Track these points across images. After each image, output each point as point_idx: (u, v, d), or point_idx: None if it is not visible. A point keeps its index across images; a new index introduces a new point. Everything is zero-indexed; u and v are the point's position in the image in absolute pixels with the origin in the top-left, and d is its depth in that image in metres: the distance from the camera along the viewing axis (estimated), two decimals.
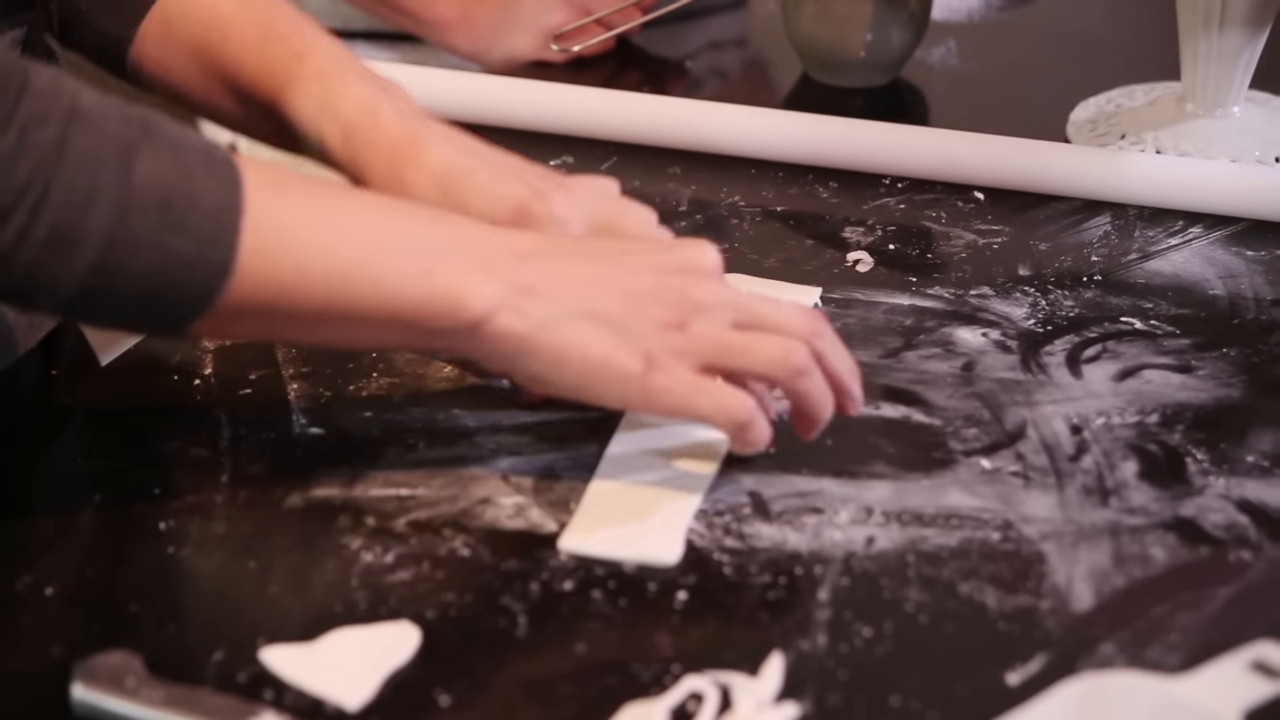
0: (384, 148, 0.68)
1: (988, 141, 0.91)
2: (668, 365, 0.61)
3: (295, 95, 0.70)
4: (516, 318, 0.60)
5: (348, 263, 0.59)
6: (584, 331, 0.60)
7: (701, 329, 0.61)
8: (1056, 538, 0.63)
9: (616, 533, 0.62)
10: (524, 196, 0.67)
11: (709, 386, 0.62)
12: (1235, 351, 0.76)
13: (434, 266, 0.59)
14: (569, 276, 0.61)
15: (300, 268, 0.58)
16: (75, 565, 0.61)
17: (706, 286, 0.62)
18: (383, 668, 0.56)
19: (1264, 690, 0.52)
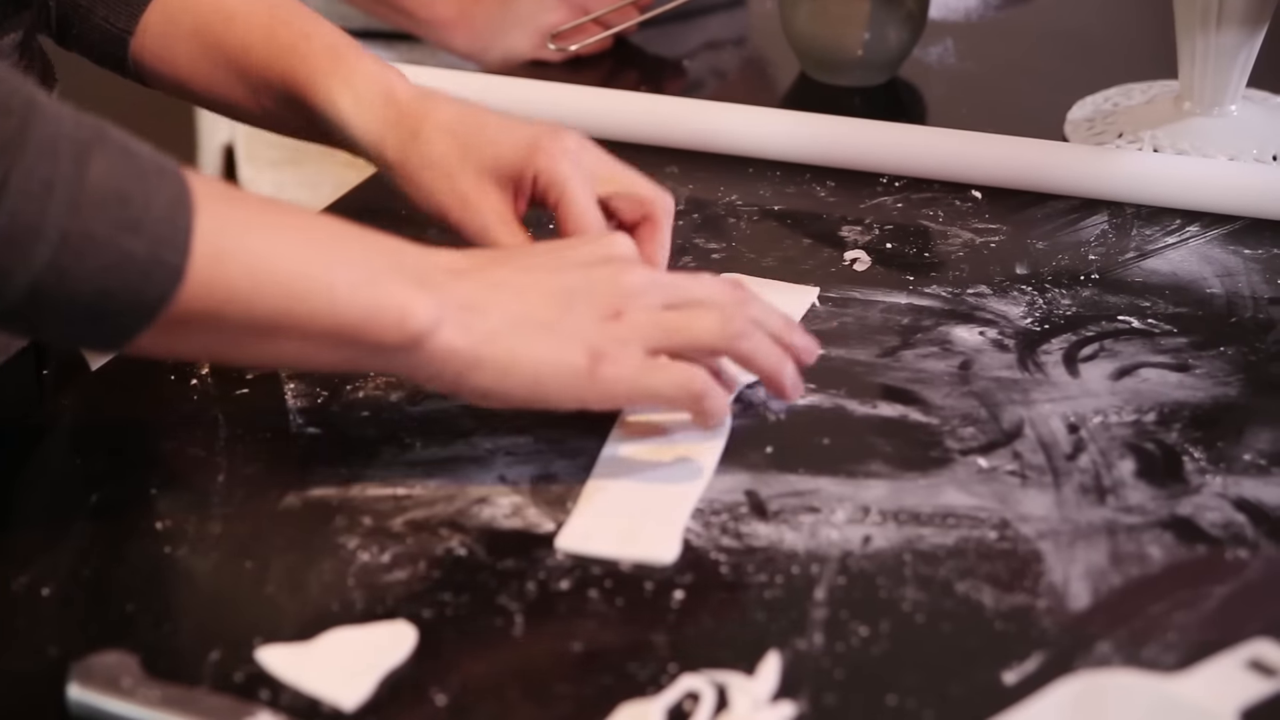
0: (398, 109, 0.72)
1: (985, 140, 0.91)
2: (613, 354, 0.62)
3: (308, 70, 0.72)
4: (459, 333, 0.60)
5: (297, 271, 0.58)
6: (526, 338, 0.61)
7: (638, 315, 0.63)
8: (1053, 537, 0.63)
9: (613, 532, 0.62)
10: (538, 132, 0.71)
11: (658, 365, 0.63)
12: (1232, 350, 0.76)
13: (378, 279, 0.60)
14: (501, 286, 0.62)
15: (252, 274, 0.57)
16: (72, 565, 0.61)
17: (634, 273, 0.64)
18: (379, 667, 0.56)
19: (1260, 688, 0.52)
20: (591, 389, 0.62)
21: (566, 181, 0.71)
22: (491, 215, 0.71)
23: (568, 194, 0.71)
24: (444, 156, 0.72)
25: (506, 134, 0.72)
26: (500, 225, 0.71)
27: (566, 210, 0.71)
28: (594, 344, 0.62)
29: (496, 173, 0.72)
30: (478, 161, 0.72)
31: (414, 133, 0.72)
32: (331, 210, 0.89)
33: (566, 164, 0.71)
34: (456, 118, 0.72)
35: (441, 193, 0.72)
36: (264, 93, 0.74)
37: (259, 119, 0.77)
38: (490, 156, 0.71)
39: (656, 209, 0.73)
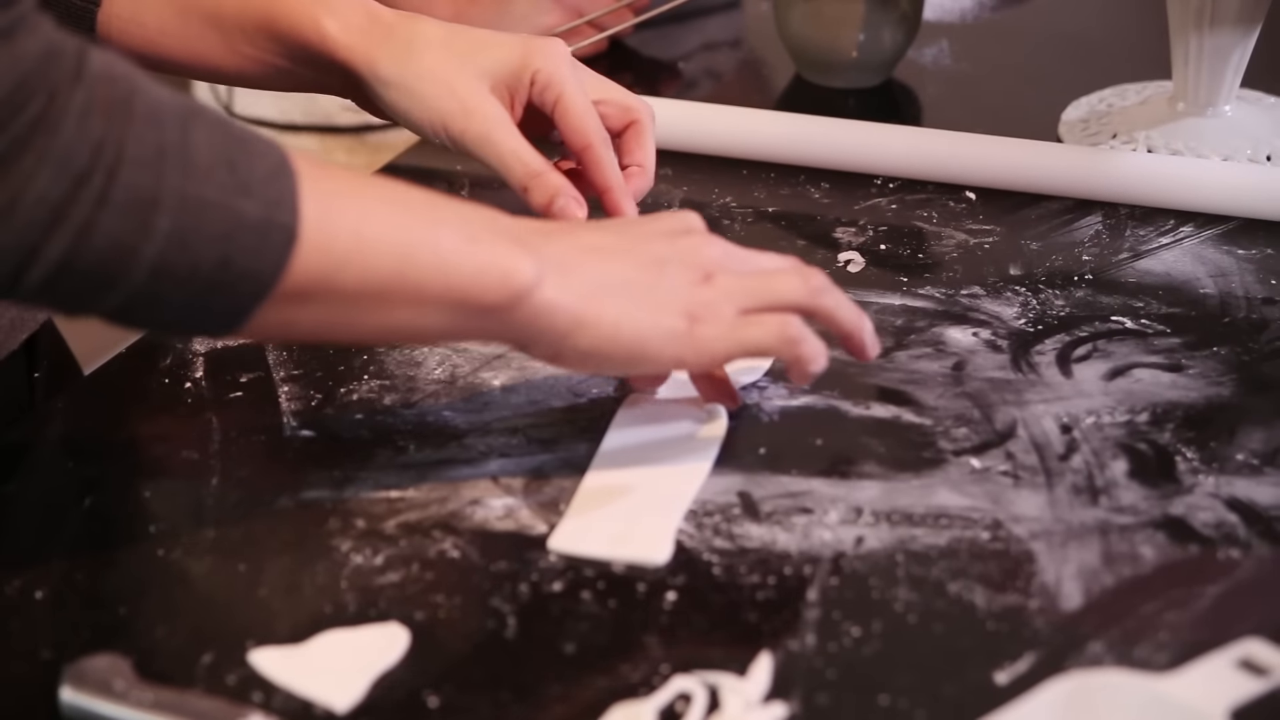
0: (386, 27, 0.73)
1: (979, 141, 0.91)
2: (707, 315, 0.63)
3: (286, 6, 0.73)
4: (560, 291, 0.61)
5: (402, 233, 0.59)
6: (626, 300, 0.62)
7: (725, 278, 0.64)
8: (1046, 537, 0.63)
9: (606, 533, 0.63)
10: (529, 38, 0.74)
11: (751, 320, 0.63)
12: (1226, 350, 0.76)
13: (479, 238, 0.60)
14: (594, 250, 0.63)
15: (360, 236, 0.57)
16: (65, 568, 0.61)
17: (714, 245, 0.65)
18: (372, 669, 0.56)
19: (1251, 688, 0.52)
20: (691, 348, 0.63)
21: (565, 82, 0.72)
22: (493, 120, 0.72)
23: (566, 94, 0.72)
24: (441, 65, 0.72)
25: (499, 40, 0.73)
26: (502, 129, 0.72)
27: (567, 111, 0.72)
28: (689, 306, 0.62)
29: (494, 77, 0.72)
30: (475, 67, 0.72)
31: (407, 45, 0.72)
32: None
33: (565, 65, 0.73)
34: (447, 30, 0.73)
35: (442, 100, 0.72)
36: (241, 41, 0.74)
37: (235, 74, 0.76)
38: (487, 61, 0.72)
39: (641, 114, 0.76)
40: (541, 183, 0.72)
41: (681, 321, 0.62)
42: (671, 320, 0.62)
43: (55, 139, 0.51)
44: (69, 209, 0.52)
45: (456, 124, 0.72)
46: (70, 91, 0.52)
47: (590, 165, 0.73)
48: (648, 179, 0.76)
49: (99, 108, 0.53)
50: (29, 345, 0.77)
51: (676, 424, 0.69)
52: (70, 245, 0.52)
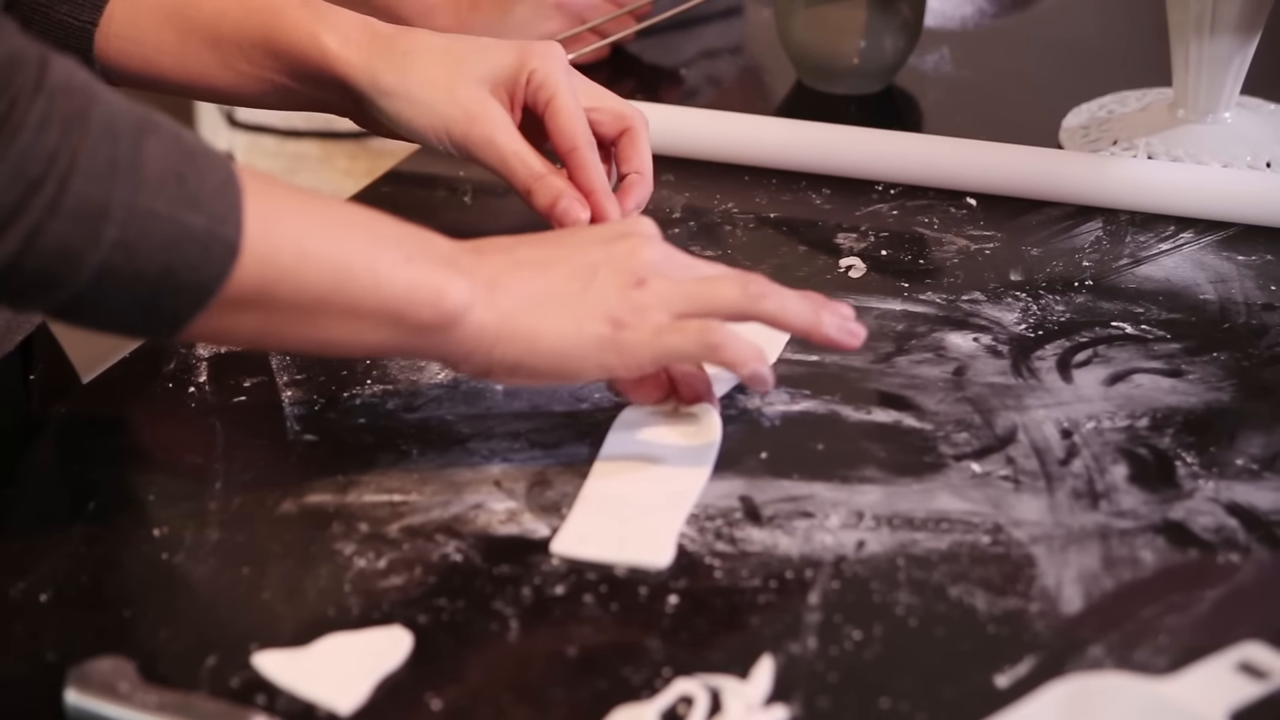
0: (385, 39, 0.74)
1: (980, 148, 0.92)
2: (634, 321, 0.63)
3: (286, 22, 0.74)
4: (487, 311, 0.62)
5: (341, 250, 0.60)
6: (549, 311, 0.63)
7: (658, 283, 0.64)
8: (1046, 541, 0.63)
9: (608, 537, 0.63)
10: (526, 41, 0.75)
11: (674, 326, 0.63)
12: (1225, 355, 0.76)
13: (415, 260, 0.62)
14: (524, 263, 0.64)
15: (300, 252, 0.59)
16: (69, 571, 0.61)
17: (654, 247, 0.65)
18: (375, 672, 0.57)
19: (1250, 691, 0.53)
20: (616, 356, 0.63)
21: (557, 84, 0.73)
22: (495, 124, 0.73)
23: (558, 97, 0.73)
24: (441, 72, 0.73)
25: (497, 45, 0.74)
26: (505, 132, 0.73)
27: (557, 112, 0.73)
28: (615, 312, 0.63)
29: (494, 81, 0.73)
30: (474, 72, 0.73)
31: (406, 55, 0.73)
32: None
33: (559, 68, 0.74)
34: (445, 39, 0.74)
35: (444, 106, 0.73)
36: (239, 59, 0.75)
37: (233, 93, 0.76)
38: (486, 65, 0.73)
39: (635, 121, 0.76)
40: (544, 185, 0.73)
41: (606, 328, 0.63)
42: (595, 327, 0.63)
43: (12, 146, 0.53)
44: (21, 214, 0.54)
45: (459, 129, 0.73)
46: (30, 101, 0.54)
47: (575, 168, 0.74)
48: (647, 186, 0.76)
49: (56, 119, 0.54)
50: (25, 348, 0.77)
51: (677, 428, 0.69)
52: (19, 247, 0.54)
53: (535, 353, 0.63)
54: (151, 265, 0.56)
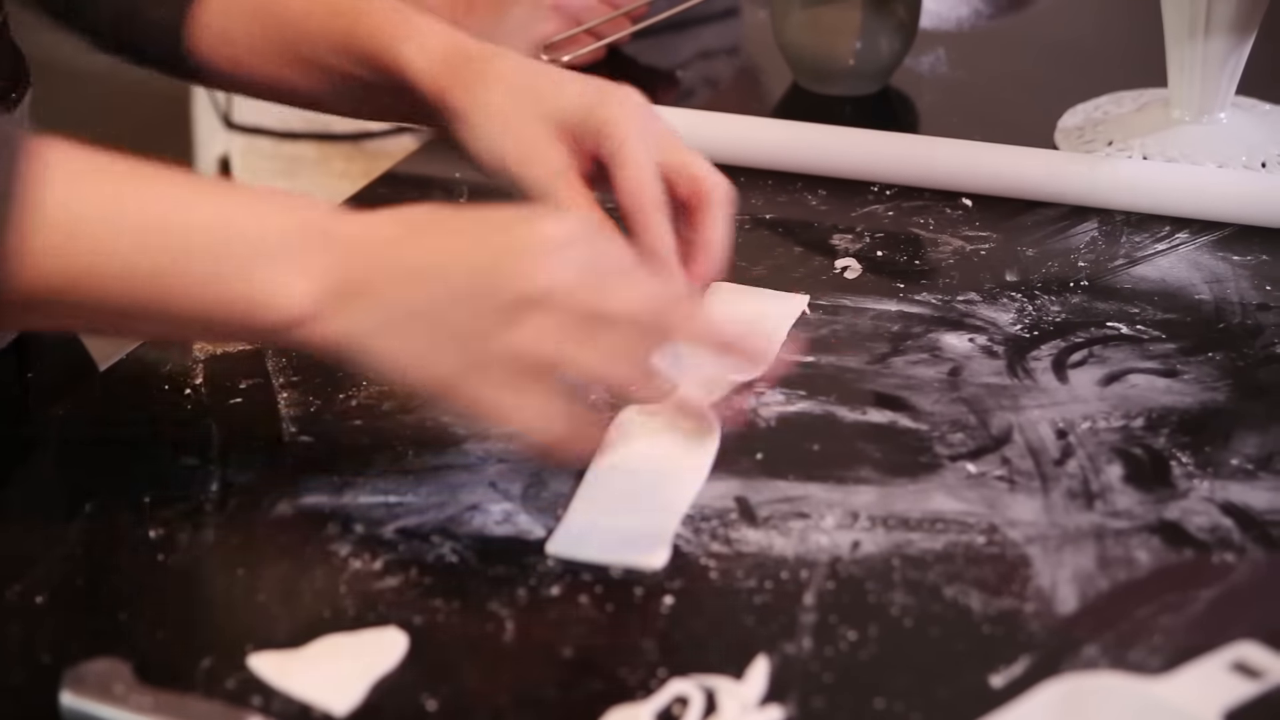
0: (464, 57, 0.70)
1: (975, 148, 0.92)
2: (486, 374, 0.57)
3: (370, 26, 0.71)
4: (333, 324, 0.57)
5: (147, 266, 0.55)
6: (402, 341, 0.57)
7: (544, 319, 0.56)
8: (1041, 541, 0.63)
9: (603, 538, 0.63)
10: (604, 84, 0.69)
11: (519, 401, 0.58)
12: (1221, 355, 0.76)
13: (239, 266, 0.56)
14: (398, 269, 0.57)
15: (96, 269, 0.55)
16: (65, 573, 0.61)
17: (566, 265, 0.57)
18: (370, 673, 0.57)
19: (1244, 690, 0.53)
20: (462, 405, 0.59)
21: (627, 135, 0.67)
22: (552, 169, 0.68)
23: (625, 148, 0.67)
24: (507, 104, 0.68)
25: (570, 82, 0.69)
26: (556, 179, 0.67)
27: (622, 165, 0.67)
28: (471, 357, 0.57)
29: (559, 123, 0.68)
30: (538, 109, 0.68)
31: (479, 77, 0.69)
32: None
33: (634, 117, 0.67)
34: (520, 66, 0.69)
35: (503, 140, 0.68)
36: (322, 60, 0.72)
37: (318, 98, 0.74)
38: (552, 105, 0.68)
39: (713, 189, 0.68)
40: None
41: (454, 376, 0.57)
42: (444, 371, 0.57)
43: None
44: None
45: (515, 168, 0.68)
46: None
47: (635, 229, 0.66)
48: (713, 262, 0.68)
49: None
50: (18, 346, 0.77)
51: (673, 429, 0.69)
52: None
53: (408, 380, 0.58)
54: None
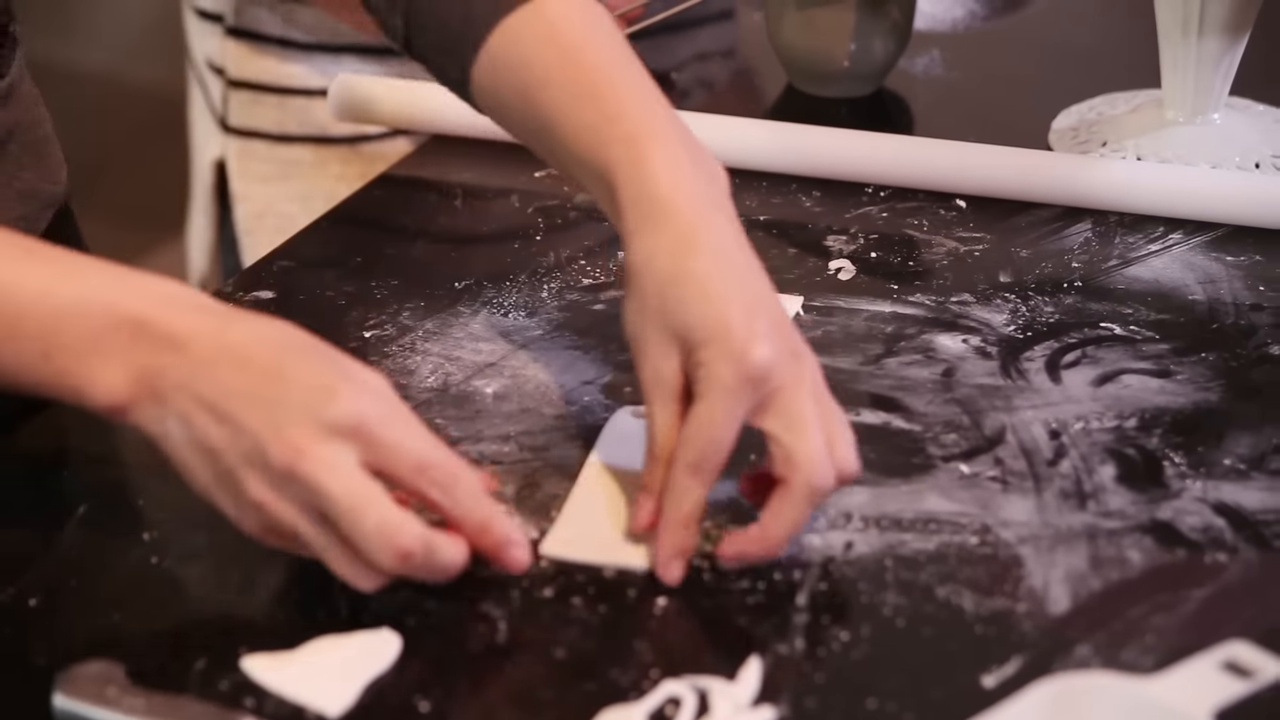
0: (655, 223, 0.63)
1: (969, 150, 0.92)
2: (250, 519, 0.58)
3: (605, 159, 0.65)
4: (144, 420, 0.58)
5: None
6: (190, 459, 0.58)
7: (273, 506, 0.57)
8: (1034, 541, 0.64)
9: (597, 539, 0.63)
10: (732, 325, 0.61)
11: (284, 547, 0.59)
12: (1214, 356, 0.76)
13: (54, 353, 0.58)
14: (201, 400, 0.57)
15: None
16: (59, 576, 0.62)
17: (318, 460, 0.56)
18: (363, 675, 0.57)
19: (1235, 689, 0.53)
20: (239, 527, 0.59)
21: (709, 389, 0.60)
22: (647, 373, 0.62)
23: (701, 401, 0.60)
24: (652, 287, 0.62)
25: (700, 305, 0.61)
26: (652, 388, 0.62)
27: (690, 417, 0.61)
28: (235, 500, 0.58)
29: (680, 337, 0.61)
30: (675, 311, 0.61)
31: (652, 237, 0.63)
32: (324, 222, 0.89)
33: (731, 372, 0.59)
34: (721, 253, 0.62)
35: (632, 322, 0.63)
36: (568, 162, 0.68)
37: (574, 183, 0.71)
38: (683, 316, 0.61)
39: (796, 479, 0.60)
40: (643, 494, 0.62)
41: (232, 513, 0.58)
42: (224, 506, 0.58)
43: None
44: None
45: (632, 354, 0.63)
46: None
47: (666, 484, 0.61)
48: (755, 547, 0.61)
49: None
50: None
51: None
52: None
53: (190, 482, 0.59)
54: None
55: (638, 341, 0.62)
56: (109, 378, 0.58)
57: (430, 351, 0.76)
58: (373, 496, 0.56)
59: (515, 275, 0.82)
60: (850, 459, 0.61)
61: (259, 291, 0.81)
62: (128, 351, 0.58)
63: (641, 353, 0.62)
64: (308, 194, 1.20)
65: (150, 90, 2.35)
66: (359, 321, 0.78)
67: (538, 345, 0.76)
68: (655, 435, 0.62)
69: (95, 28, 2.53)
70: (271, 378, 0.57)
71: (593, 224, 0.88)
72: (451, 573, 0.58)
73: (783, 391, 0.60)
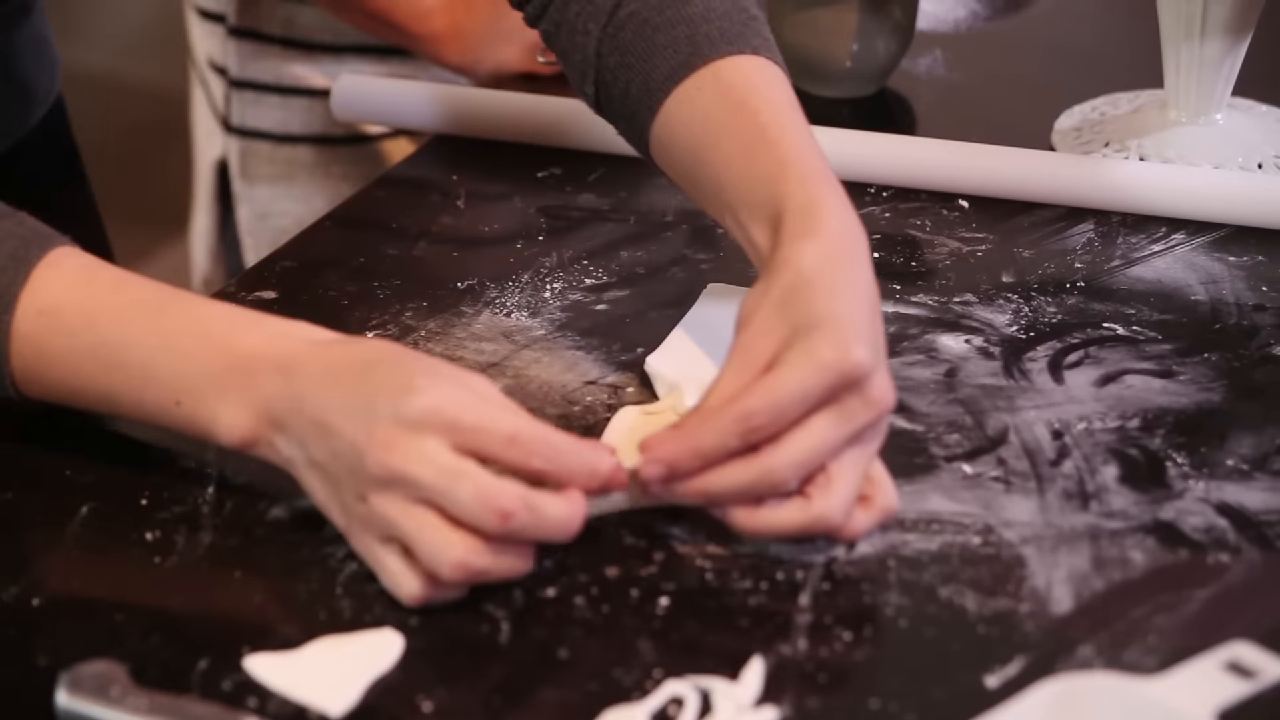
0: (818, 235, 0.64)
1: (972, 150, 0.92)
2: (358, 530, 0.60)
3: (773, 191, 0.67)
4: (271, 450, 0.62)
5: (104, 392, 0.64)
6: (311, 481, 0.61)
7: (375, 506, 0.59)
8: (1036, 542, 0.64)
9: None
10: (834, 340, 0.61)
11: (383, 563, 0.60)
12: (1216, 356, 0.76)
13: (183, 398, 0.63)
14: (307, 419, 0.60)
15: (66, 389, 0.65)
16: (62, 576, 0.62)
17: (406, 453, 0.58)
18: (366, 675, 0.57)
19: (1237, 690, 0.53)
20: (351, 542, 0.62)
21: (805, 362, 0.60)
22: (741, 341, 0.63)
23: (792, 366, 0.60)
24: (778, 280, 0.63)
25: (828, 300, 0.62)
26: (737, 353, 0.62)
27: (774, 371, 0.61)
28: (348, 511, 0.60)
29: (789, 322, 0.62)
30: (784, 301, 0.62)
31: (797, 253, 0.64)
32: (327, 222, 0.90)
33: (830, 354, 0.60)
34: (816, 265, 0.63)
35: (745, 303, 0.63)
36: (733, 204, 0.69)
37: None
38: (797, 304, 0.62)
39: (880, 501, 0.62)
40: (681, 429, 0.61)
41: (341, 520, 0.61)
42: (335, 516, 0.61)
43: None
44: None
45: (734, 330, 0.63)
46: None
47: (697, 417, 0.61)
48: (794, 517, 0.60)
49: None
50: None
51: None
52: None
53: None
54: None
55: (748, 319, 0.63)
56: (231, 416, 0.62)
57: (433, 352, 0.76)
58: (465, 470, 0.58)
59: (518, 275, 0.82)
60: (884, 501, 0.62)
61: (262, 291, 0.81)
62: (245, 389, 0.62)
63: (746, 327, 0.63)
64: (310, 194, 1.20)
65: (152, 90, 2.36)
66: (362, 322, 0.78)
67: (540, 345, 0.76)
68: (715, 392, 0.61)
69: (97, 28, 2.53)
70: (362, 387, 0.60)
71: (595, 224, 0.88)
72: (570, 528, 0.59)
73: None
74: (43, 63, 0.88)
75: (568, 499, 0.59)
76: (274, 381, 0.61)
